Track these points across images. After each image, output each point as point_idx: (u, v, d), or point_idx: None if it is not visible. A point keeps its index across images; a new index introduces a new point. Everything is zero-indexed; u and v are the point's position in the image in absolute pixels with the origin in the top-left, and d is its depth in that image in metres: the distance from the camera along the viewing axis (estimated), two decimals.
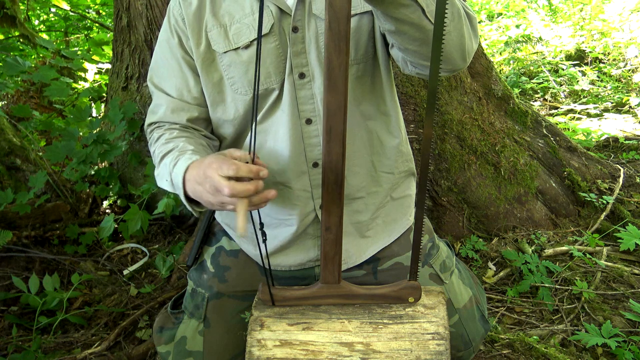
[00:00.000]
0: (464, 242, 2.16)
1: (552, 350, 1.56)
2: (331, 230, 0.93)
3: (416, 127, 2.14)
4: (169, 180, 1.01)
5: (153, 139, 1.15)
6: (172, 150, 1.06)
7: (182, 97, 1.13)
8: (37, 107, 3.46)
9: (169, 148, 1.07)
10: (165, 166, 1.04)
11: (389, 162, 1.18)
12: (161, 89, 1.15)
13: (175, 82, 1.13)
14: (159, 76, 1.16)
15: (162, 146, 1.09)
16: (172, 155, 1.04)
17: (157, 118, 1.15)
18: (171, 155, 1.04)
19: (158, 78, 1.16)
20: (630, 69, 4.46)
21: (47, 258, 2.09)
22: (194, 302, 1.22)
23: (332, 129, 0.85)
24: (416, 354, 0.93)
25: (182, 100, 1.13)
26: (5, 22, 3.37)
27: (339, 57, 0.80)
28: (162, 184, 1.05)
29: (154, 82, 1.17)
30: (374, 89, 1.12)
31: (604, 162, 2.65)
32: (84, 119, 2.30)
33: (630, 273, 1.96)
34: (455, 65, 0.96)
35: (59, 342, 1.72)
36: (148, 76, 1.19)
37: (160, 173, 1.06)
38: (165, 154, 1.06)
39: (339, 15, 0.77)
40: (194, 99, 1.14)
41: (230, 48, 1.06)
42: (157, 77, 1.16)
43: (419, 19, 0.83)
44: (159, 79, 1.16)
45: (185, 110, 1.14)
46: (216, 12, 1.08)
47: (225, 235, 1.28)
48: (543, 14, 5.65)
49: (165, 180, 1.03)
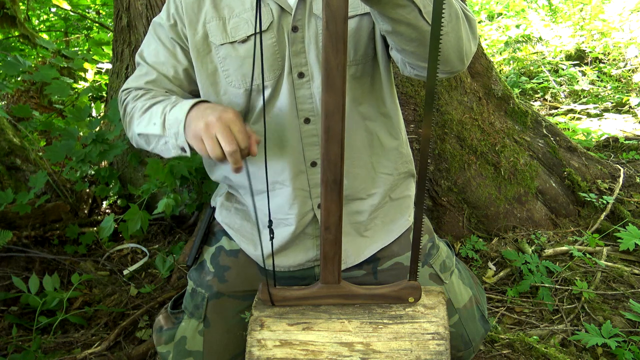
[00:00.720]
0: (464, 242, 2.16)
1: (552, 350, 1.56)
2: (330, 230, 0.93)
3: (416, 127, 2.14)
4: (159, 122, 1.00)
5: (134, 96, 1.14)
6: (164, 100, 1.05)
7: (167, 74, 1.14)
8: (37, 107, 3.46)
9: (159, 99, 1.07)
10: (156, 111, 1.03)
11: (389, 164, 1.18)
12: (147, 62, 1.16)
13: (163, 60, 1.14)
14: (148, 52, 1.17)
15: (149, 99, 1.09)
16: (166, 102, 1.03)
17: (136, 84, 1.15)
18: (164, 102, 1.03)
19: (147, 53, 1.17)
20: (630, 69, 4.46)
21: (47, 258, 2.09)
22: (193, 302, 1.22)
23: (330, 128, 0.85)
24: (416, 354, 0.93)
25: (166, 76, 1.14)
26: (5, 22, 3.37)
27: (336, 57, 0.80)
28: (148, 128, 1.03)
29: (142, 55, 1.18)
30: (374, 90, 1.12)
31: (604, 162, 2.65)
32: (83, 119, 2.30)
33: (630, 273, 1.96)
34: (453, 67, 0.96)
35: (59, 342, 1.72)
36: (138, 51, 1.19)
37: (145, 118, 1.05)
38: (154, 102, 1.06)
39: (336, 15, 0.77)
40: (178, 80, 1.15)
41: (227, 41, 1.07)
42: (147, 52, 1.17)
43: (415, 20, 0.83)
44: (148, 54, 1.17)
45: (167, 86, 1.15)
46: (217, 5, 1.09)
47: (225, 235, 1.27)
48: (543, 14, 5.65)
49: (153, 124, 1.01)
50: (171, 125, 0.98)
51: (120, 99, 1.20)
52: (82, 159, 2.13)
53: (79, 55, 3.24)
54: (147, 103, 1.07)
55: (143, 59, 1.17)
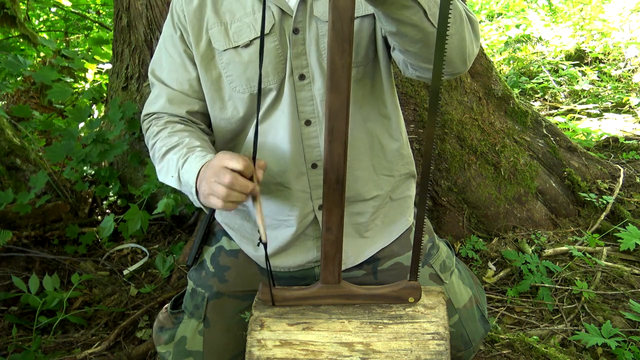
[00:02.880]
0: (464, 242, 2.16)
1: (552, 350, 1.56)
2: (332, 231, 0.93)
3: (416, 127, 2.14)
4: (176, 176, 1.01)
5: (152, 132, 1.14)
6: (177, 145, 1.06)
7: (183, 89, 1.13)
8: (37, 107, 3.46)
9: (174, 142, 1.07)
10: (172, 161, 1.03)
11: (390, 165, 1.18)
12: (162, 81, 1.15)
13: (176, 76, 1.13)
14: (160, 69, 1.16)
15: (165, 139, 1.09)
16: (179, 151, 1.04)
17: (156, 109, 1.15)
18: (178, 151, 1.04)
19: (159, 70, 1.16)
20: (630, 69, 4.45)
21: (47, 258, 2.09)
22: (193, 302, 1.22)
23: (334, 129, 0.85)
24: (416, 354, 0.93)
25: (183, 92, 1.13)
26: (5, 22, 3.36)
27: (341, 57, 0.80)
28: (167, 180, 1.05)
29: (155, 74, 1.17)
30: (374, 92, 1.12)
31: (604, 162, 2.65)
32: (84, 119, 2.30)
33: (630, 273, 1.96)
34: (456, 68, 0.96)
35: (59, 342, 1.72)
36: (149, 69, 1.18)
37: (164, 168, 1.06)
38: (169, 148, 1.06)
39: (342, 15, 0.77)
40: (195, 92, 1.14)
41: (230, 46, 1.07)
42: (159, 69, 1.16)
43: (420, 21, 0.83)
44: (160, 72, 1.16)
45: (186, 102, 1.14)
46: (218, 10, 1.08)
47: (225, 235, 1.28)
48: (543, 14, 5.64)
49: (171, 177, 1.03)
50: (185, 184, 1.00)
51: (143, 126, 1.20)
52: (82, 159, 2.13)
53: (78, 55, 3.24)
54: (164, 148, 1.07)
55: (157, 77, 1.16)
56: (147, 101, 1.18)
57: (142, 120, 1.21)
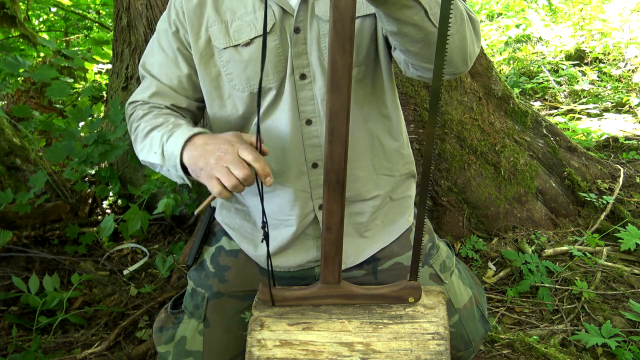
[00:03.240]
0: (464, 242, 2.16)
1: (552, 350, 1.56)
2: (332, 231, 0.93)
3: (416, 127, 2.14)
4: (159, 152, 1.00)
5: (137, 115, 1.13)
6: (163, 124, 1.05)
7: (172, 85, 1.13)
8: (37, 107, 3.46)
9: (159, 122, 1.06)
10: (155, 138, 1.03)
11: (390, 165, 1.18)
12: (152, 74, 1.15)
13: (166, 70, 1.13)
14: (151, 63, 1.16)
15: (150, 120, 1.08)
16: (164, 128, 1.03)
17: (142, 97, 1.15)
18: (163, 128, 1.03)
19: (150, 64, 1.16)
20: (630, 69, 4.45)
21: (47, 258, 2.09)
22: (193, 302, 1.22)
23: (335, 129, 0.85)
24: (416, 354, 0.93)
25: (171, 88, 1.14)
26: (5, 22, 3.36)
27: (342, 57, 0.80)
28: (149, 157, 1.04)
29: (146, 67, 1.17)
30: (375, 92, 1.12)
31: (604, 162, 2.65)
32: (84, 119, 2.30)
33: (630, 273, 1.96)
34: (457, 68, 0.96)
35: (59, 342, 1.72)
36: (141, 62, 1.18)
37: (146, 146, 1.05)
38: (154, 127, 1.06)
39: (343, 15, 0.77)
40: (183, 89, 1.14)
41: (230, 45, 1.07)
42: (150, 63, 1.16)
43: (421, 21, 0.83)
44: (151, 65, 1.16)
45: (173, 97, 1.14)
46: (218, 8, 1.08)
47: (225, 235, 1.28)
48: (543, 14, 5.64)
49: (154, 153, 1.02)
50: (169, 157, 0.98)
51: (127, 112, 1.20)
52: (83, 160, 2.13)
53: (79, 55, 3.24)
54: (148, 126, 1.07)
55: (147, 71, 1.16)
56: (135, 92, 1.18)
57: (126, 108, 1.20)
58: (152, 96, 1.14)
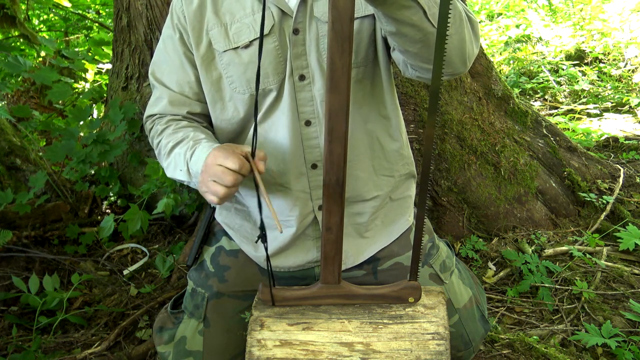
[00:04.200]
0: (464, 242, 2.16)
1: (552, 350, 1.56)
2: (332, 231, 0.93)
3: (416, 127, 2.14)
4: (184, 169, 1.03)
5: (156, 130, 1.15)
6: (183, 140, 1.07)
7: (183, 91, 1.14)
8: (37, 107, 3.46)
9: (180, 137, 1.08)
10: (180, 155, 1.05)
11: (390, 166, 1.18)
12: (162, 83, 1.16)
13: (176, 77, 1.14)
14: (160, 71, 1.16)
15: (170, 136, 1.10)
16: (186, 145, 1.05)
17: (158, 110, 1.16)
18: (185, 145, 1.05)
19: (160, 72, 1.17)
20: (630, 69, 4.45)
21: (47, 258, 2.09)
22: (193, 302, 1.22)
23: (334, 129, 0.85)
24: (416, 354, 0.93)
25: (183, 94, 1.14)
26: (5, 22, 3.36)
27: (341, 57, 0.80)
28: (176, 174, 1.06)
29: (156, 77, 1.17)
30: (374, 93, 1.12)
31: (604, 162, 2.65)
32: (84, 119, 2.30)
33: (630, 273, 1.96)
34: (456, 69, 0.96)
35: (59, 342, 1.72)
36: (150, 70, 1.19)
37: (172, 163, 1.07)
38: (176, 143, 1.07)
39: (342, 15, 0.77)
40: (195, 94, 1.15)
41: (230, 47, 1.07)
42: (159, 71, 1.17)
43: (420, 21, 0.83)
44: (160, 74, 1.16)
45: (187, 104, 1.15)
46: (217, 11, 1.08)
47: (225, 235, 1.28)
48: (543, 14, 5.64)
49: (180, 170, 1.04)
50: (195, 175, 1.01)
51: (146, 127, 1.22)
52: (82, 160, 2.13)
53: (79, 56, 3.23)
54: (170, 143, 1.09)
55: (157, 79, 1.17)
56: (149, 103, 1.19)
57: (144, 122, 1.22)
58: (166, 108, 1.15)
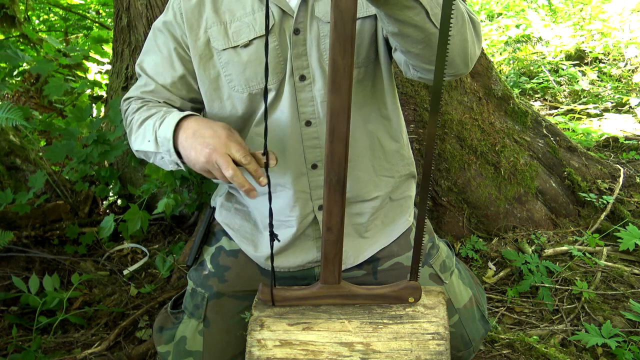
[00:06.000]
0: (464, 242, 2.16)
1: (552, 350, 1.56)
2: (332, 231, 0.93)
3: (416, 127, 2.14)
4: (153, 138, 1.01)
5: (132, 109, 1.14)
6: (155, 113, 1.06)
7: (166, 85, 1.14)
8: (37, 107, 3.46)
9: (152, 112, 1.07)
10: (148, 126, 1.03)
11: (390, 166, 1.18)
12: (147, 74, 1.16)
13: (162, 70, 1.14)
14: (147, 62, 1.17)
15: (143, 112, 1.09)
16: (156, 117, 1.04)
17: (137, 94, 1.16)
18: (155, 117, 1.04)
19: (146, 63, 1.17)
20: (630, 69, 4.45)
21: (47, 258, 2.09)
22: (193, 302, 1.22)
23: (335, 129, 0.85)
24: (416, 354, 0.93)
25: (165, 88, 1.14)
26: (5, 22, 3.36)
27: (343, 58, 0.80)
28: (143, 145, 1.04)
29: (142, 66, 1.17)
30: (375, 93, 1.12)
31: (604, 162, 2.65)
32: (84, 119, 2.30)
33: (630, 273, 1.96)
34: (458, 69, 0.96)
35: (59, 342, 1.72)
36: (138, 60, 1.19)
37: (140, 135, 1.06)
38: (146, 117, 1.07)
39: (344, 16, 0.77)
40: (177, 90, 1.14)
41: (229, 46, 1.07)
42: (146, 62, 1.17)
43: (422, 22, 0.83)
44: (147, 64, 1.16)
45: (166, 96, 1.15)
46: (217, 9, 1.08)
47: (225, 235, 1.28)
48: (543, 14, 5.64)
49: (148, 141, 1.02)
50: (162, 142, 0.99)
51: (122, 109, 1.21)
52: (83, 160, 2.12)
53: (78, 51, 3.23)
54: (142, 117, 1.08)
55: (143, 69, 1.17)
56: (130, 89, 1.19)
57: (121, 104, 1.21)
58: (145, 93, 1.15)
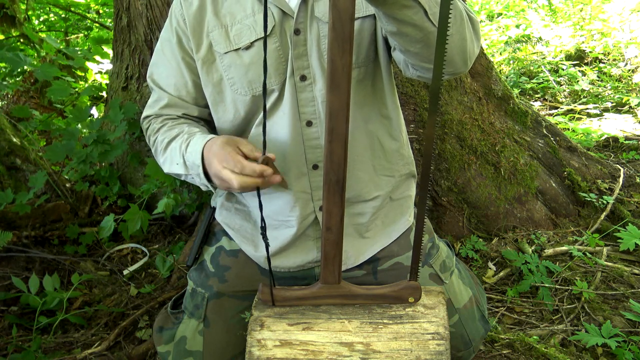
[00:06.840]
0: (464, 242, 2.16)
1: (552, 350, 1.56)
2: (332, 231, 0.93)
3: (416, 127, 2.14)
4: (181, 162, 1.04)
5: (153, 129, 1.17)
6: (178, 135, 1.08)
7: (181, 95, 1.15)
8: (37, 107, 3.46)
9: (175, 133, 1.09)
10: (175, 150, 1.06)
11: (390, 166, 1.18)
12: (160, 86, 1.17)
13: (173, 81, 1.15)
14: (158, 74, 1.18)
15: (166, 133, 1.11)
16: (180, 139, 1.06)
17: (154, 112, 1.18)
18: (179, 139, 1.06)
19: (157, 75, 1.18)
20: (630, 69, 4.45)
21: (47, 258, 2.09)
22: (193, 302, 1.22)
23: (334, 129, 0.85)
24: (416, 354, 0.93)
25: (181, 98, 1.15)
26: (6, 22, 3.36)
27: (342, 57, 0.80)
28: (172, 168, 1.07)
29: (154, 79, 1.19)
30: (375, 93, 1.12)
31: (604, 162, 2.65)
32: (84, 119, 2.30)
33: (630, 273, 1.96)
34: (457, 68, 0.96)
35: (59, 342, 1.72)
36: (148, 72, 1.20)
37: (168, 158, 1.09)
38: (171, 139, 1.09)
39: (342, 15, 0.77)
40: (193, 98, 1.16)
41: (231, 49, 1.07)
42: (157, 74, 1.18)
43: (421, 21, 0.83)
44: (158, 77, 1.18)
45: (184, 107, 1.16)
46: (218, 12, 1.08)
47: (225, 235, 1.28)
48: (543, 14, 5.64)
49: (177, 164, 1.05)
50: (192, 167, 1.02)
51: (142, 128, 1.23)
52: (83, 160, 2.13)
53: (79, 54, 3.23)
54: (165, 139, 1.10)
55: (154, 82, 1.18)
56: (147, 105, 1.21)
57: (141, 123, 1.23)
58: (163, 108, 1.16)
